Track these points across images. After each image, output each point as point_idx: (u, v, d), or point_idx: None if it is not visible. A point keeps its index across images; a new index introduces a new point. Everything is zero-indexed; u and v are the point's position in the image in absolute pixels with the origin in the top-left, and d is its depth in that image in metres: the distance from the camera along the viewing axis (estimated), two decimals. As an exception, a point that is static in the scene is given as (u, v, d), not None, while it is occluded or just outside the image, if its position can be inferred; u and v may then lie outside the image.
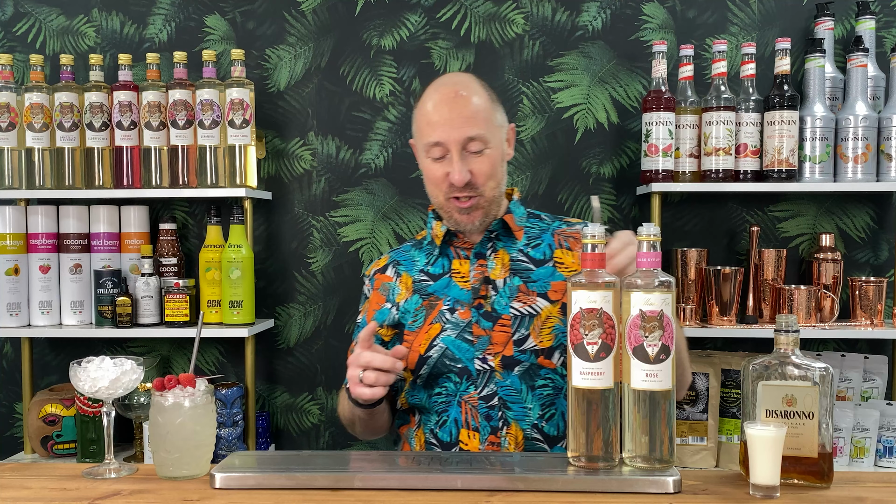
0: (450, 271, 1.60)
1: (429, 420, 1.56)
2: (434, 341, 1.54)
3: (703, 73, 2.39)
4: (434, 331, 1.55)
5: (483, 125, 1.53)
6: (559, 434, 1.52)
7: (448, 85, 1.57)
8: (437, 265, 1.62)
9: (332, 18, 2.46)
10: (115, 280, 2.29)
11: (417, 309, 1.58)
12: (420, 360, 1.54)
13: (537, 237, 1.63)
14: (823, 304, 2.25)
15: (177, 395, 1.28)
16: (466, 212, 1.55)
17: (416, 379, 1.56)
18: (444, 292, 1.58)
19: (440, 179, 1.54)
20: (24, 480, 1.29)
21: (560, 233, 1.64)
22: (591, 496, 1.15)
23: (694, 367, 2.23)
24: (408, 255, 1.69)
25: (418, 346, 1.55)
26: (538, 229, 1.65)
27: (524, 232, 1.63)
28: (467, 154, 1.52)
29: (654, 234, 1.21)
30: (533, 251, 1.60)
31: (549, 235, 1.63)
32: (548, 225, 1.67)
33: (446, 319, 1.54)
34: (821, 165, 2.22)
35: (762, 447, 1.14)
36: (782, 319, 1.22)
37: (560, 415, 1.53)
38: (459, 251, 1.62)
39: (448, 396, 1.53)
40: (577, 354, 1.20)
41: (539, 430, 1.51)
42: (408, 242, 1.75)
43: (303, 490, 1.19)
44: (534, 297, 1.55)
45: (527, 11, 2.44)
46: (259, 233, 2.48)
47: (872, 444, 2.21)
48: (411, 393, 1.58)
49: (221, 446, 2.20)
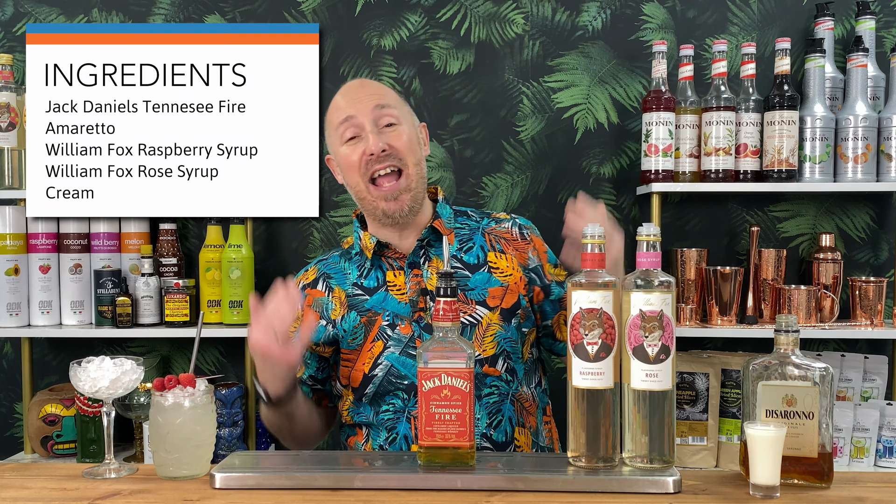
0: (385, 284, 1.55)
1: (377, 435, 1.53)
2: (378, 359, 1.50)
3: (703, 73, 2.39)
4: (377, 349, 1.51)
5: (393, 100, 1.55)
6: (507, 440, 1.51)
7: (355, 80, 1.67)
8: (371, 278, 1.57)
9: (331, 18, 2.46)
10: (115, 280, 2.29)
11: (356, 327, 1.53)
12: (365, 379, 1.51)
13: (468, 239, 1.59)
14: (823, 304, 2.25)
15: (177, 395, 1.28)
16: (393, 196, 1.50)
17: (360, 397, 1.53)
18: (382, 307, 1.53)
19: (356, 159, 1.50)
20: (24, 480, 1.29)
21: (490, 231, 1.61)
22: (591, 496, 1.15)
23: (694, 367, 2.23)
24: (338, 268, 1.62)
25: (362, 366, 1.51)
26: (468, 229, 1.61)
27: (454, 234, 1.59)
28: (381, 129, 1.51)
29: (654, 234, 1.20)
30: (466, 256, 1.57)
31: (479, 236, 1.60)
32: (477, 223, 1.63)
33: (388, 336, 1.51)
34: (821, 165, 2.22)
35: (762, 447, 1.14)
36: (782, 319, 1.22)
37: (507, 420, 1.51)
38: (392, 262, 1.57)
39: (396, 413, 1.51)
40: (577, 354, 1.20)
41: (488, 438, 1.50)
42: (334, 252, 1.67)
43: (303, 490, 1.19)
44: (473, 305, 1.52)
45: (527, 11, 2.44)
46: (259, 233, 2.48)
47: (872, 444, 2.21)
48: (356, 410, 1.55)
49: (221, 446, 2.20)
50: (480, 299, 1.52)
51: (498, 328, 1.51)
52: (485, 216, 1.65)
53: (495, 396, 1.51)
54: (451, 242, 1.57)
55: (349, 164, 1.52)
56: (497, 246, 1.59)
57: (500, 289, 1.54)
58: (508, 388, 1.53)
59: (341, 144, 1.53)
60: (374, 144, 1.48)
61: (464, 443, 1.20)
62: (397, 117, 1.53)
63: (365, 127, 1.50)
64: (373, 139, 1.48)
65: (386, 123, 1.51)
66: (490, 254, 1.57)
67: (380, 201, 1.51)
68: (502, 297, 1.53)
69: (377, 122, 1.51)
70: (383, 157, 1.49)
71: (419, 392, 1.20)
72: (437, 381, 1.20)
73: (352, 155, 1.51)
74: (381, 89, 1.59)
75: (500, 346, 1.51)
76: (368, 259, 1.57)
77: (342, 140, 1.53)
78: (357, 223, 1.63)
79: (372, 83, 1.61)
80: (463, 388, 1.19)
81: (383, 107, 1.52)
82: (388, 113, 1.52)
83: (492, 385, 1.51)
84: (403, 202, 1.51)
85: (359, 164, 1.50)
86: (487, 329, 1.51)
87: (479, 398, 1.50)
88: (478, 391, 1.49)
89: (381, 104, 1.52)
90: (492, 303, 1.52)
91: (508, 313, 1.53)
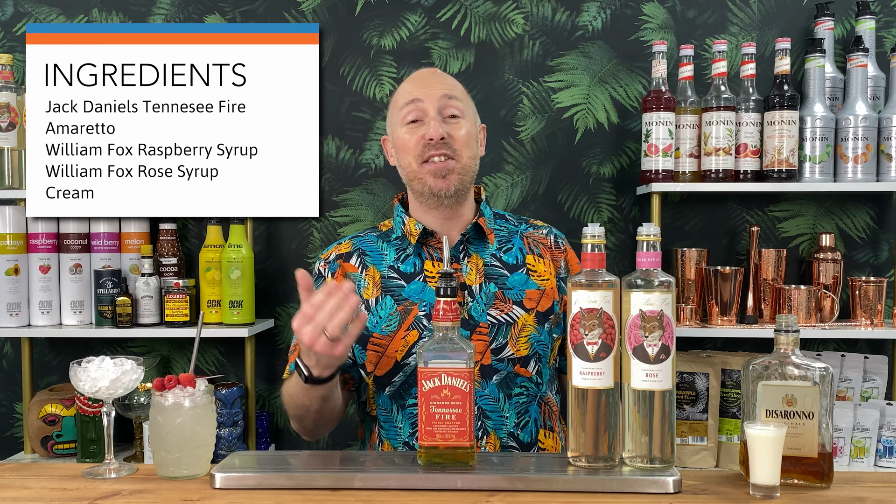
0: (422, 272, 1.54)
1: (397, 433, 1.51)
2: (412, 349, 1.49)
3: (703, 73, 2.39)
4: (412, 337, 1.49)
5: (461, 94, 1.56)
6: (532, 441, 1.52)
7: (428, 68, 1.65)
8: (409, 263, 1.56)
9: (332, 18, 2.46)
10: (115, 280, 2.29)
11: (392, 314, 1.52)
12: (396, 367, 1.49)
13: (507, 240, 1.60)
14: (823, 304, 2.25)
15: (177, 395, 1.28)
16: (442, 174, 1.50)
17: (384, 386, 1.51)
18: (420, 297, 1.52)
19: (415, 142, 1.51)
20: (24, 480, 1.29)
21: (528, 236, 1.62)
22: (591, 496, 1.15)
23: (694, 367, 2.23)
24: (375, 247, 1.60)
25: (394, 353, 1.49)
26: (506, 231, 1.62)
27: (494, 235, 1.60)
28: (444, 119, 1.52)
29: (654, 234, 1.20)
30: (505, 256, 1.58)
31: (518, 238, 1.61)
32: (515, 227, 1.64)
33: (423, 326, 1.50)
34: (821, 165, 2.22)
35: (762, 447, 1.14)
36: (782, 319, 1.22)
37: (533, 422, 1.52)
38: (433, 252, 1.56)
39: None
40: (577, 354, 1.20)
41: (515, 437, 1.50)
42: (370, 231, 1.66)
43: (303, 490, 1.19)
44: (510, 304, 1.52)
45: (527, 11, 2.44)
46: (259, 233, 2.48)
47: (872, 444, 2.21)
48: (377, 402, 1.53)
49: (221, 446, 2.20)
50: (518, 300, 1.53)
51: (532, 330, 1.52)
52: (522, 221, 1.67)
53: (524, 397, 1.51)
54: (491, 242, 1.58)
55: (406, 145, 1.53)
56: (535, 250, 1.60)
57: (537, 292, 1.55)
58: (538, 390, 1.53)
59: (402, 126, 1.54)
60: (435, 131, 1.49)
61: (464, 443, 1.20)
62: (462, 111, 1.54)
63: (429, 112, 1.51)
64: (434, 125, 1.49)
65: (450, 114, 1.52)
66: (528, 256, 1.59)
67: (429, 176, 1.51)
68: (538, 301, 1.54)
69: (441, 111, 1.52)
70: (440, 144, 1.50)
71: (419, 392, 1.20)
72: (437, 381, 1.20)
73: (411, 138, 1.52)
74: (451, 80, 1.59)
75: (533, 348, 1.51)
76: (412, 245, 1.57)
77: (404, 121, 1.53)
78: (400, 207, 1.62)
79: (443, 73, 1.61)
80: (463, 388, 1.19)
81: (450, 97, 1.53)
82: (454, 105, 1.53)
83: (522, 385, 1.51)
84: (451, 181, 1.51)
85: (415, 147, 1.52)
86: (522, 330, 1.51)
87: (510, 397, 1.50)
88: (508, 390, 1.50)
89: (448, 94, 1.53)
90: (528, 304, 1.53)
91: (543, 317, 1.54)
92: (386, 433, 1.53)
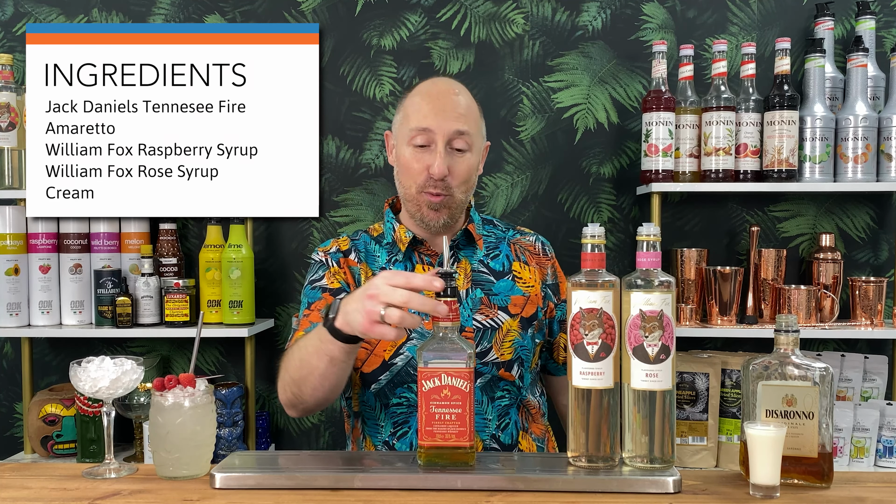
0: None
1: (378, 431, 1.53)
2: (400, 349, 1.51)
3: (703, 73, 2.39)
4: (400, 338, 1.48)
5: (473, 126, 1.56)
6: (512, 442, 1.54)
7: (446, 83, 1.60)
8: (399, 266, 1.59)
9: (331, 18, 2.46)
10: (115, 280, 2.29)
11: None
12: (383, 366, 1.51)
13: (495, 247, 1.64)
14: (823, 304, 2.25)
15: (177, 395, 1.28)
16: (436, 208, 1.53)
17: (370, 384, 1.53)
18: None
19: (418, 170, 1.53)
20: (24, 480, 1.29)
21: (515, 243, 1.66)
22: (591, 496, 1.15)
23: (694, 367, 2.23)
24: (368, 248, 1.64)
25: (382, 352, 1.52)
26: (494, 237, 1.66)
27: (483, 241, 1.63)
28: (450, 150, 1.53)
29: (654, 234, 1.20)
30: (492, 262, 1.62)
31: (505, 245, 1.65)
32: (503, 233, 1.68)
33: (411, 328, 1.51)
34: (821, 165, 2.22)
35: (762, 447, 1.14)
36: (782, 319, 1.22)
37: (514, 424, 1.55)
38: (423, 257, 1.61)
39: (409, 407, 1.51)
40: (577, 354, 1.20)
41: (496, 439, 1.53)
42: (362, 232, 1.68)
43: (303, 490, 1.19)
44: (495, 310, 1.56)
45: (527, 11, 2.44)
46: (259, 233, 2.48)
47: (872, 444, 2.21)
48: (361, 399, 1.55)
49: (221, 446, 2.20)
50: (503, 305, 1.57)
51: (516, 335, 1.56)
52: (510, 227, 1.71)
53: (506, 400, 1.55)
54: (479, 248, 1.62)
55: (408, 168, 1.55)
56: (521, 257, 1.64)
57: (522, 298, 1.59)
58: (518, 393, 1.57)
59: (408, 144, 1.55)
60: (439, 169, 1.50)
61: (464, 443, 1.20)
62: (470, 145, 1.55)
63: (437, 144, 1.52)
64: (439, 163, 1.50)
65: (458, 148, 1.53)
66: (515, 263, 1.63)
67: (424, 206, 1.55)
68: (523, 307, 1.59)
69: (450, 143, 1.53)
70: (439, 182, 1.52)
71: (419, 392, 1.20)
72: (437, 380, 1.20)
73: (415, 163, 1.54)
74: (465, 104, 1.56)
75: (516, 353, 1.55)
76: (402, 251, 1.60)
77: (411, 141, 1.54)
78: (390, 213, 1.65)
79: (458, 93, 1.58)
80: (463, 387, 1.19)
81: (462, 133, 1.53)
82: (464, 140, 1.53)
83: (504, 388, 1.55)
84: (442, 215, 1.55)
85: (417, 175, 1.53)
86: (507, 335, 1.55)
87: (492, 400, 1.54)
88: (491, 393, 1.54)
89: (460, 130, 1.52)
90: (513, 310, 1.57)
91: (526, 322, 1.58)
92: (368, 430, 1.56)
